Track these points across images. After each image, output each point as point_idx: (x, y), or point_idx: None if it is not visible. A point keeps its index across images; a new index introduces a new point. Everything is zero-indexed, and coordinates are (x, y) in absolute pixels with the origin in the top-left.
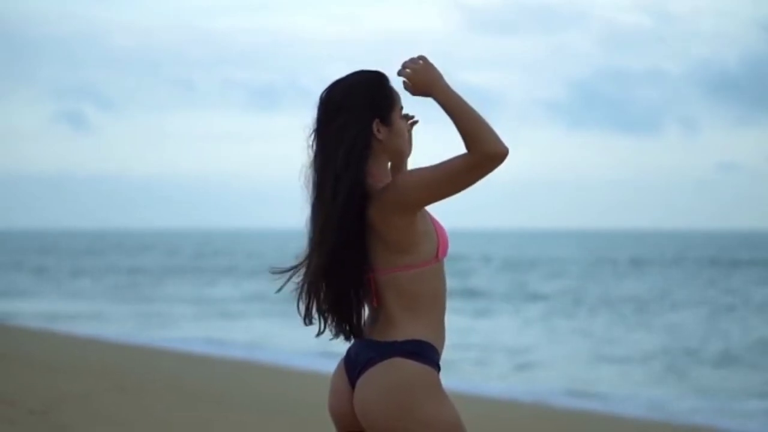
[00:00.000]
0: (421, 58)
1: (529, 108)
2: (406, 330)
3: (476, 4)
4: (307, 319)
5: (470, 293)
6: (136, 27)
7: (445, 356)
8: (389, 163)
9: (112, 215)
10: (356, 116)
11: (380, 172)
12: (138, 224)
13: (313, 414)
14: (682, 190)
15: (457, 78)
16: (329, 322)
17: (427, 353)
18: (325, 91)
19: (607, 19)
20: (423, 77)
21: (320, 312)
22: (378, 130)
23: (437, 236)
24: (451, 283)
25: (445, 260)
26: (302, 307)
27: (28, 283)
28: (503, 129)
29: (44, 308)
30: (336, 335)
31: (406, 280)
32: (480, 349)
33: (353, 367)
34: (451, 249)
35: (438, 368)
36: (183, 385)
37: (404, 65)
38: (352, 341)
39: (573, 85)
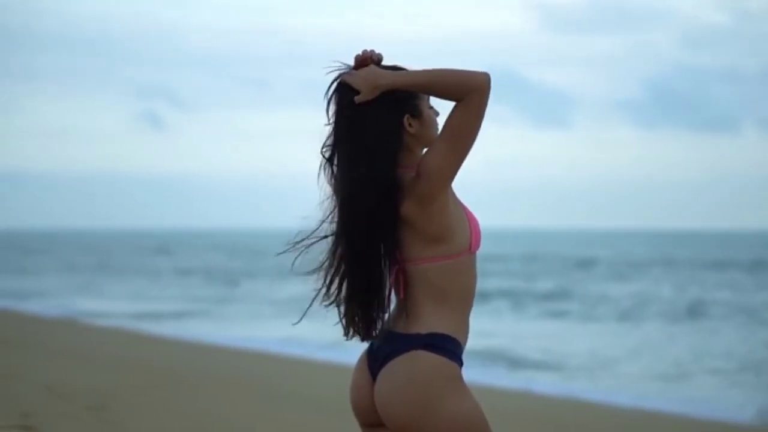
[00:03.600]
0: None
1: (606, 107)
2: (429, 323)
3: (554, 3)
4: (350, 329)
5: (545, 295)
6: (211, 26)
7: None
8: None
9: (186, 214)
10: (385, 113)
11: (413, 164)
12: (213, 223)
13: None
14: (759, 189)
15: (533, 77)
16: (354, 320)
17: (449, 347)
18: (345, 89)
19: (685, 18)
20: (367, 78)
21: (345, 310)
22: (409, 124)
23: (470, 228)
24: (523, 284)
25: (478, 254)
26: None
27: (89, 280)
28: (579, 128)
29: (116, 308)
30: (356, 335)
31: (436, 271)
32: (557, 352)
33: (375, 359)
34: (525, 249)
35: (460, 363)
36: (246, 382)
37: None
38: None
39: (650, 84)
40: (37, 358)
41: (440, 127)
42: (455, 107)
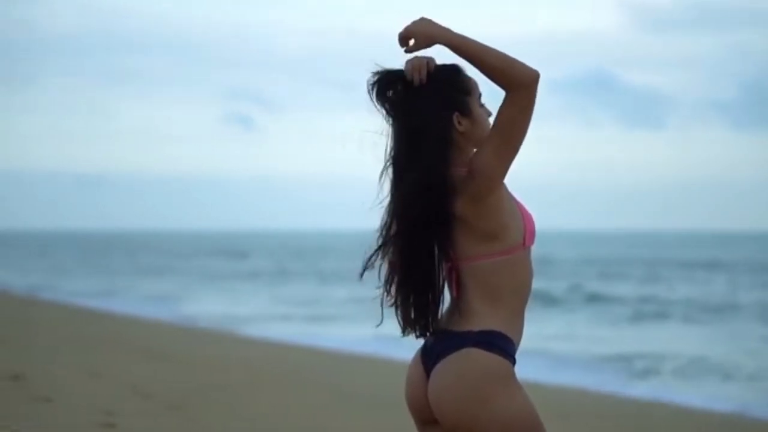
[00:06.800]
0: (420, 18)
1: (700, 108)
2: (483, 321)
3: (647, 3)
4: (407, 327)
5: (645, 299)
6: (300, 28)
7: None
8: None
9: (277, 216)
10: (435, 113)
11: (464, 162)
12: (301, 225)
13: None
14: None
15: (625, 78)
16: (410, 318)
17: (502, 344)
18: (397, 87)
19: None
20: (422, 27)
21: (401, 308)
22: (459, 123)
23: (524, 223)
24: (615, 287)
25: (533, 249)
26: (398, 312)
27: (170, 282)
28: (672, 129)
29: (200, 310)
30: (409, 331)
31: (489, 268)
32: (663, 357)
33: (429, 357)
34: (617, 252)
35: (513, 360)
36: (327, 382)
37: (405, 28)
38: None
39: (745, 84)
40: (127, 357)
41: (488, 125)
42: (503, 104)
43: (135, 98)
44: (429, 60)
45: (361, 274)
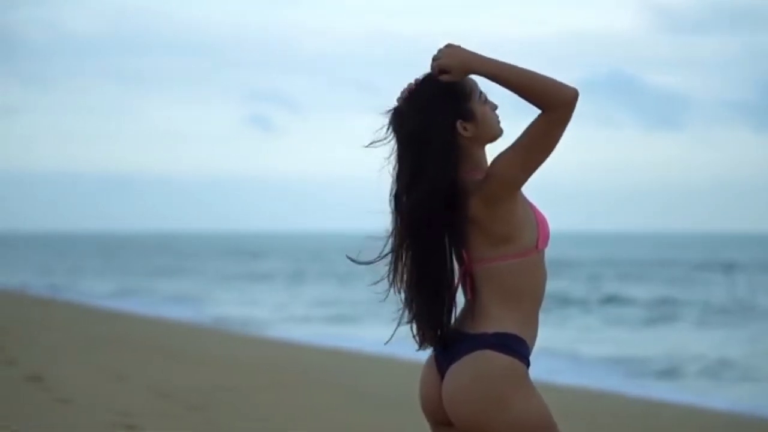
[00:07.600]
0: (447, 45)
1: (718, 109)
2: (497, 323)
3: (667, 3)
4: (423, 341)
5: (662, 301)
6: (324, 30)
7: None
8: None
9: (296, 217)
10: (437, 123)
11: (477, 165)
12: (328, 226)
13: None
14: None
15: (645, 79)
16: (420, 327)
17: (516, 346)
18: (398, 101)
19: None
20: (456, 57)
21: (416, 322)
22: (464, 128)
23: (538, 226)
24: (634, 289)
25: (546, 251)
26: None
27: (187, 283)
28: (692, 130)
29: (221, 312)
30: (426, 346)
31: (502, 271)
32: (680, 358)
33: (443, 358)
34: (638, 253)
35: (527, 362)
36: (349, 384)
37: (433, 58)
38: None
39: (764, 85)
40: (145, 357)
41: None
42: (538, 117)
43: (154, 99)
44: (415, 81)
45: (352, 259)
